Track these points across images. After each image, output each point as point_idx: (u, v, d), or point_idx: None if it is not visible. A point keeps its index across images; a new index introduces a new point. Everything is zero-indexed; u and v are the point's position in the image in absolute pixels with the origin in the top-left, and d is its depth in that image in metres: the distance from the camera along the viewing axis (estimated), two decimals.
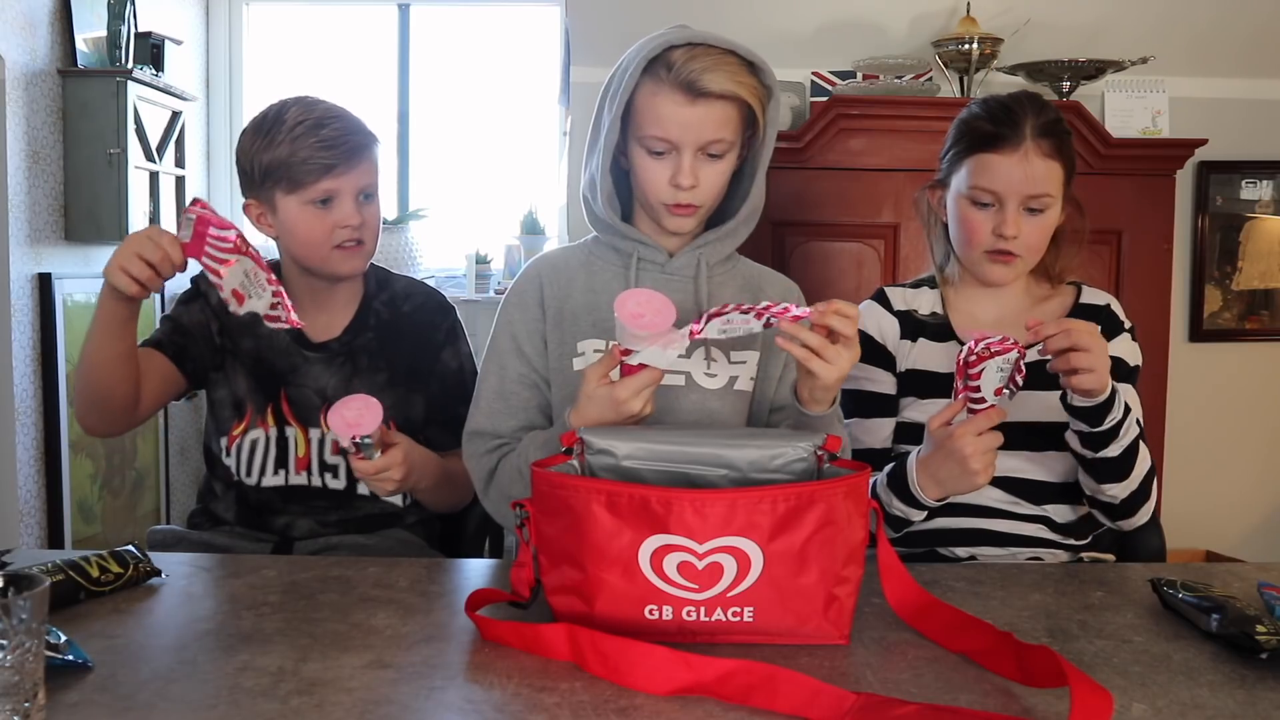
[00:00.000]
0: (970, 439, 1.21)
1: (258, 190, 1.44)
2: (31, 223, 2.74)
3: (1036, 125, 1.38)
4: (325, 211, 1.42)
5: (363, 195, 1.45)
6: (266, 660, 0.92)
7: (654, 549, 0.93)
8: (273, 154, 1.39)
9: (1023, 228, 1.40)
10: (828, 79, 3.17)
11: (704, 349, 1.34)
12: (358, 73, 3.71)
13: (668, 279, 1.36)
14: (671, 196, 1.28)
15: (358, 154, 1.43)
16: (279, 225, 1.45)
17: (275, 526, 1.47)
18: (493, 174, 3.80)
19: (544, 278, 1.39)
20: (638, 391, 1.15)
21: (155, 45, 3.09)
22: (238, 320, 1.48)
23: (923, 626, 1.00)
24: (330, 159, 1.39)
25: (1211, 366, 3.34)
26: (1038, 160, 1.38)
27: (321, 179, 1.40)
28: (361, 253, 1.46)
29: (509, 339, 1.37)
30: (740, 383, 1.36)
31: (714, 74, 1.23)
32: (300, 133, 1.39)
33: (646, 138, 1.27)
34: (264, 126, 1.41)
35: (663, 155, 1.27)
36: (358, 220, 1.43)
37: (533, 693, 0.86)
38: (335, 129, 1.41)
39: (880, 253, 2.83)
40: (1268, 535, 3.43)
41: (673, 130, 1.25)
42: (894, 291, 1.54)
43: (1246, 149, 3.31)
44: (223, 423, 1.51)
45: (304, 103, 1.43)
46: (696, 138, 1.25)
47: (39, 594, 0.74)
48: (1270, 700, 0.86)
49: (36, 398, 2.78)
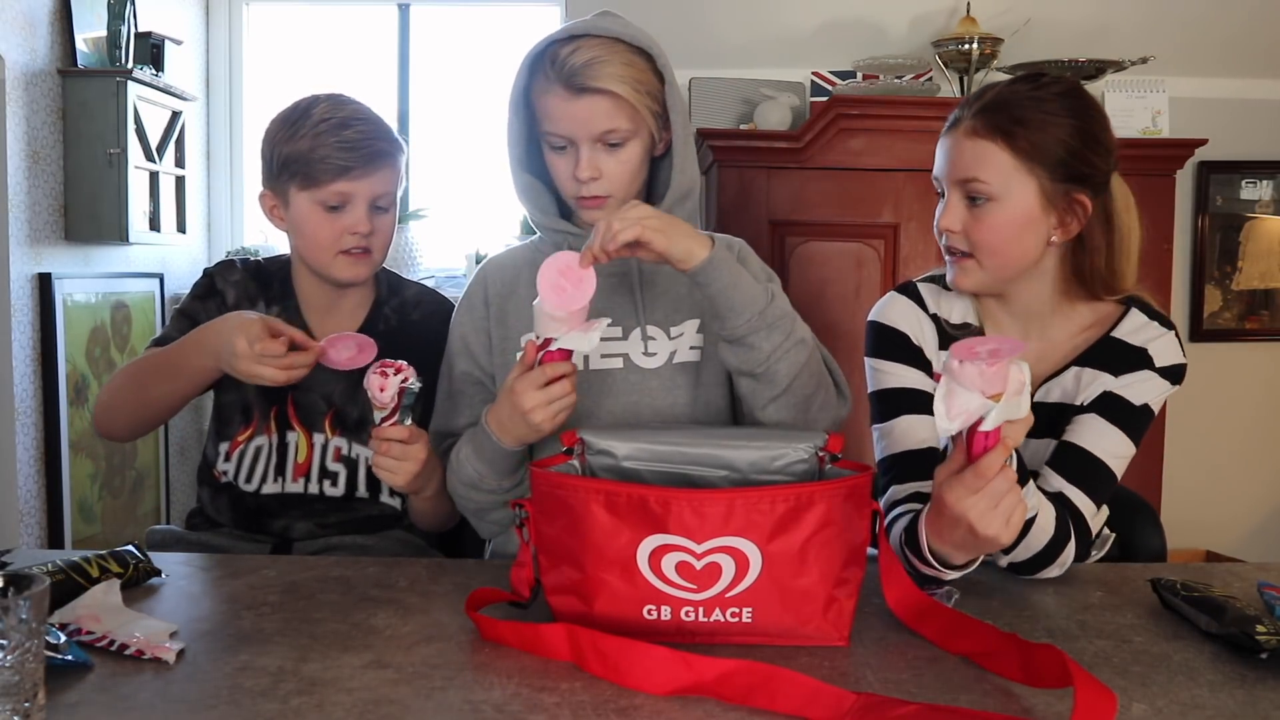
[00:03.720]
0: (974, 499, 0.94)
1: (274, 181, 1.42)
2: (31, 223, 2.74)
3: (985, 102, 1.20)
4: (336, 216, 1.40)
5: (377, 204, 1.42)
6: (266, 660, 0.92)
7: (652, 549, 0.93)
8: (293, 146, 1.37)
9: (964, 220, 1.22)
10: (828, 79, 3.18)
11: (640, 328, 1.35)
12: (358, 73, 3.71)
13: (606, 268, 1.36)
14: (576, 190, 1.30)
15: (377, 160, 1.40)
16: (289, 220, 1.43)
17: (273, 529, 1.46)
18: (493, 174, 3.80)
19: (489, 278, 1.42)
20: (546, 404, 1.14)
21: (155, 45, 3.09)
22: None
23: (922, 629, 1.00)
24: (348, 160, 1.37)
25: (1211, 366, 3.34)
26: (965, 140, 1.20)
27: (336, 180, 1.37)
28: (367, 262, 1.44)
29: (458, 340, 1.41)
30: (680, 354, 1.34)
31: (593, 68, 1.24)
32: (323, 129, 1.36)
33: (546, 134, 1.29)
34: (291, 117, 1.39)
35: (564, 150, 1.29)
36: (367, 228, 1.40)
37: (533, 693, 0.86)
38: (359, 130, 1.38)
39: (880, 253, 2.83)
40: (1268, 535, 3.43)
41: (563, 125, 1.27)
42: (927, 289, 1.35)
43: (1246, 149, 3.31)
44: (228, 427, 1.49)
45: (335, 100, 1.41)
46: (588, 131, 1.26)
47: (39, 594, 0.74)
48: (1270, 700, 0.86)
49: (36, 398, 2.77)
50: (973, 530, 0.96)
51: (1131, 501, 1.50)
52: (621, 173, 1.30)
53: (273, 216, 1.46)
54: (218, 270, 1.52)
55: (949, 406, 0.88)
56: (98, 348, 3.01)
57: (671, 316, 1.36)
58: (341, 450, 1.47)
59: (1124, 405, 1.23)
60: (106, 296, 3.05)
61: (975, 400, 0.86)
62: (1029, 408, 0.90)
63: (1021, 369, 0.88)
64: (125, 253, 3.15)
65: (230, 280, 1.50)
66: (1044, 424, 1.26)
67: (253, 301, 1.49)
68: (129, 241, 2.93)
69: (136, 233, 2.94)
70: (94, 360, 2.99)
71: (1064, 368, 1.28)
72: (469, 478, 1.28)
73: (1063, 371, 1.28)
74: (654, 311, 1.36)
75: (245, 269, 1.52)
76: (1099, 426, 1.22)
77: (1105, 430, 1.22)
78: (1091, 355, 1.27)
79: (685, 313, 1.36)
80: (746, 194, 2.77)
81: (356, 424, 1.47)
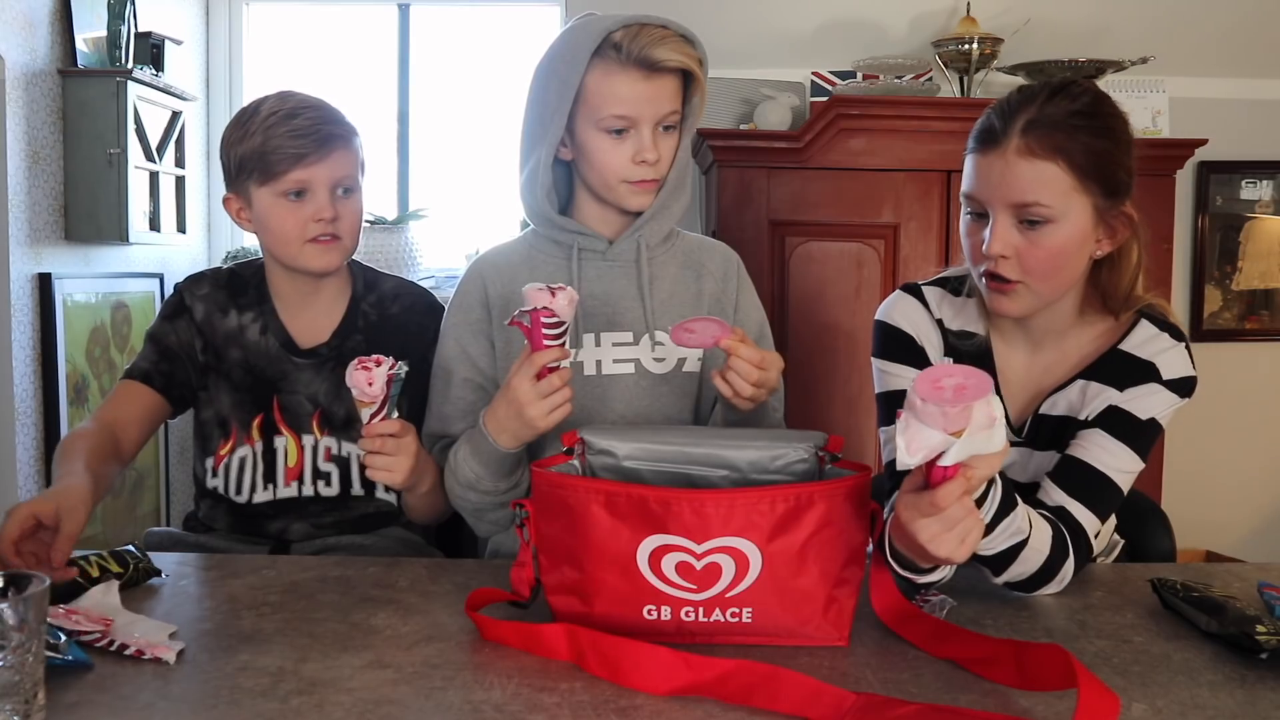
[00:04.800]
0: (926, 523, 0.88)
1: (234, 183, 1.41)
2: (31, 223, 2.74)
3: (1034, 118, 1.13)
4: (299, 204, 1.38)
5: (340, 189, 1.40)
6: (266, 660, 0.92)
7: (652, 549, 0.93)
8: (247, 145, 1.36)
9: (1017, 245, 1.15)
10: (828, 79, 3.17)
11: (648, 334, 1.37)
12: (358, 73, 3.71)
13: (609, 265, 1.39)
14: (636, 173, 1.31)
15: (331, 143, 1.38)
16: (255, 219, 1.41)
17: (270, 532, 1.46)
18: (493, 174, 3.80)
19: (486, 277, 1.41)
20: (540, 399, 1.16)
21: (155, 45, 3.09)
22: (223, 331, 1.46)
23: (907, 634, 0.99)
24: (301, 148, 1.35)
25: (1211, 366, 3.33)
26: (1021, 161, 1.12)
27: (293, 169, 1.36)
28: (338, 248, 1.41)
29: (454, 343, 1.40)
30: (689, 364, 1.38)
31: (661, 48, 1.27)
32: (273, 123, 1.35)
33: (606, 119, 1.29)
34: (241, 119, 1.39)
35: (623, 134, 1.30)
36: (331, 213, 1.38)
37: (533, 693, 0.86)
38: (308, 118, 1.37)
39: (880, 253, 2.83)
40: (1268, 535, 3.43)
41: (629, 106, 1.28)
42: (932, 293, 1.32)
43: (1246, 149, 3.31)
44: (209, 442, 1.48)
45: (282, 95, 1.40)
46: (655, 112, 1.30)
47: (39, 594, 0.74)
48: (1270, 700, 0.86)
49: (36, 398, 2.77)
50: (924, 551, 0.91)
51: (1141, 505, 1.48)
52: (672, 156, 1.35)
53: (240, 219, 1.44)
54: (186, 285, 1.50)
55: (908, 441, 0.84)
56: (98, 348, 3.00)
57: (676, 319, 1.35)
58: (332, 450, 1.46)
59: (1129, 420, 1.19)
60: (106, 296, 3.05)
61: (936, 437, 0.83)
62: (1002, 441, 0.86)
63: (990, 404, 0.84)
64: (125, 253, 3.15)
65: (198, 295, 1.49)
66: (1049, 437, 1.25)
67: (224, 311, 1.48)
68: (129, 241, 2.93)
69: (136, 233, 2.94)
70: (94, 360, 2.99)
71: (1070, 380, 1.25)
72: (466, 479, 1.27)
73: (1069, 384, 1.25)
74: (662, 317, 1.38)
75: (214, 281, 1.50)
76: (1104, 442, 1.19)
77: (1110, 446, 1.18)
78: (1098, 368, 1.24)
79: None
80: (746, 194, 2.77)
81: (344, 422, 1.46)
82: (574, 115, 1.31)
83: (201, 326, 1.47)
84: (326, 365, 1.47)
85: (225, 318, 1.48)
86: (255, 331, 1.47)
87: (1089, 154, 1.13)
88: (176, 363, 1.46)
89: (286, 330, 1.47)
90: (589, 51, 1.27)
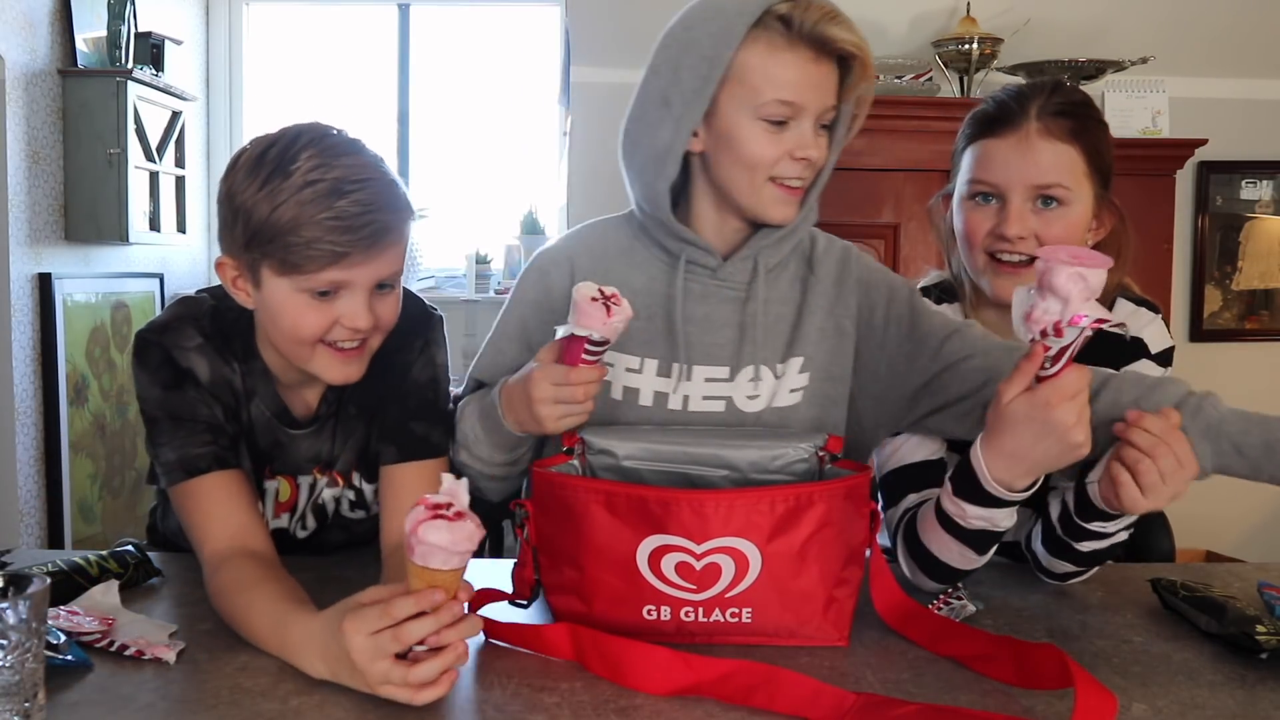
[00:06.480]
0: (1068, 406, 0.93)
1: (240, 251, 1.05)
2: (31, 223, 2.74)
3: (1046, 105, 1.19)
4: (326, 304, 1.05)
5: (380, 284, 1.08)
6: (266, 660, 0.92)
7: (652, 549, 0.93)
8: (270, 216, 1.00)
9: (1033, 226, 1.19)
10: None
11: (753, 365, 1.17)
12: (358, 73, 3.71)
13: (719, 285, 1.19)
14: (791, 170, 1.12)
15: (382, 237, 1.03)
16: (259, 301, 1.08)
17: None
18: (493, 174, 3.81)
19: (576, 263, 1.22)
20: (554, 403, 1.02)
21: (155, 45, 3.10)
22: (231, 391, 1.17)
23: (910, 633, 0.99)
24: (343, 245, 1.01)
25: (1211, 366, 3.34)
26: (1042, 143, 1.18)
27: (327, 268, 1.02)
28: (359, 358, 1.11)
29: (516, 323, 1.24)
30: (780, 398, 1.18)
31: (835, 26, 1.08)
32: (309, 198, 0.99)
33: (768, 104, 1.08)
34: (262, 168, 1.01)
35: (783, 126, 1.10)
36: (367, 322, 1.06)
37: (533, 693, 0.86)
38: (358, 201, 1.01)
39: (880, 253, 2.83)
40: (1268, 535, 3.43)
41: (800, 93, 1.09)
42: None
43: (1246, 149, 3.31)
44: None
45: (323, 147, 1.02)
46: (821, 102, 1.10)
47: (39, 594, 0.74)
48: (1270, 700, 0.86)
49: (36, 398, 2.78)
50: (1066, 435, 0.93)
51: None
52: (823, 161, 1.16)
53: (234, 289, 1.10)
54: (169, 341, 1.12)
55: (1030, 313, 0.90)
56: (98, 348, 3.01)
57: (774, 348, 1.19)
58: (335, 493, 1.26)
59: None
60: (106, 296, 3.05)
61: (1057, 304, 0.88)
62: None
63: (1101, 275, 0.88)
64: (125, 253, 3.16)
65: (189, 348, 1.13)
66: None
67: (225, 360, 1.15)
68: (129, 241, 2.93)
69: (136, 233, 2.94)
70: (94, 360, 2.99)
71: None
72: (463, 435, 1.18)
73: None
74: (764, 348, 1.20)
75: (198, 326, 1.14)
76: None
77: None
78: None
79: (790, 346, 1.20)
80: None
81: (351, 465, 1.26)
82: (716, 99, 1.10)
83: (208, 387, 1.14)
84: (325, 429, 1.23)
85: (225, 368, 1.15)
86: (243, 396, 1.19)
87: (1094, 142, 1.20)
88: (220, 431, 1.13)
89: (280, 400, 1.19)
90: (746, 24, 1.07)
